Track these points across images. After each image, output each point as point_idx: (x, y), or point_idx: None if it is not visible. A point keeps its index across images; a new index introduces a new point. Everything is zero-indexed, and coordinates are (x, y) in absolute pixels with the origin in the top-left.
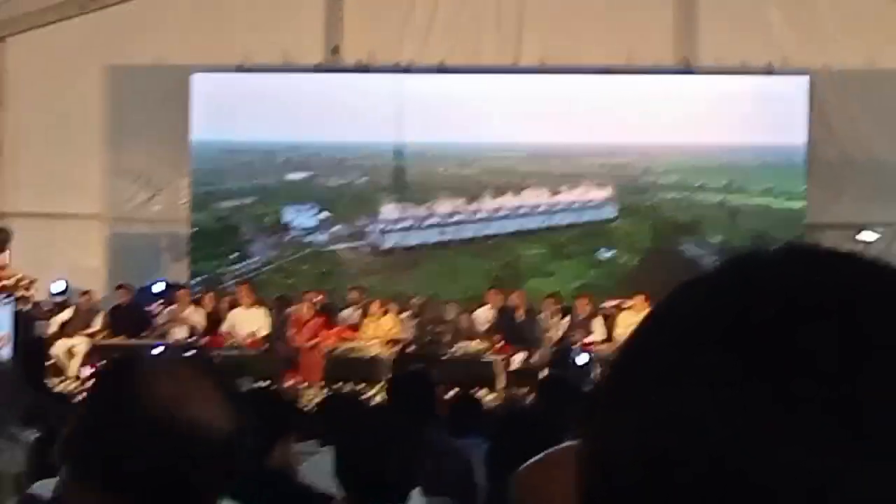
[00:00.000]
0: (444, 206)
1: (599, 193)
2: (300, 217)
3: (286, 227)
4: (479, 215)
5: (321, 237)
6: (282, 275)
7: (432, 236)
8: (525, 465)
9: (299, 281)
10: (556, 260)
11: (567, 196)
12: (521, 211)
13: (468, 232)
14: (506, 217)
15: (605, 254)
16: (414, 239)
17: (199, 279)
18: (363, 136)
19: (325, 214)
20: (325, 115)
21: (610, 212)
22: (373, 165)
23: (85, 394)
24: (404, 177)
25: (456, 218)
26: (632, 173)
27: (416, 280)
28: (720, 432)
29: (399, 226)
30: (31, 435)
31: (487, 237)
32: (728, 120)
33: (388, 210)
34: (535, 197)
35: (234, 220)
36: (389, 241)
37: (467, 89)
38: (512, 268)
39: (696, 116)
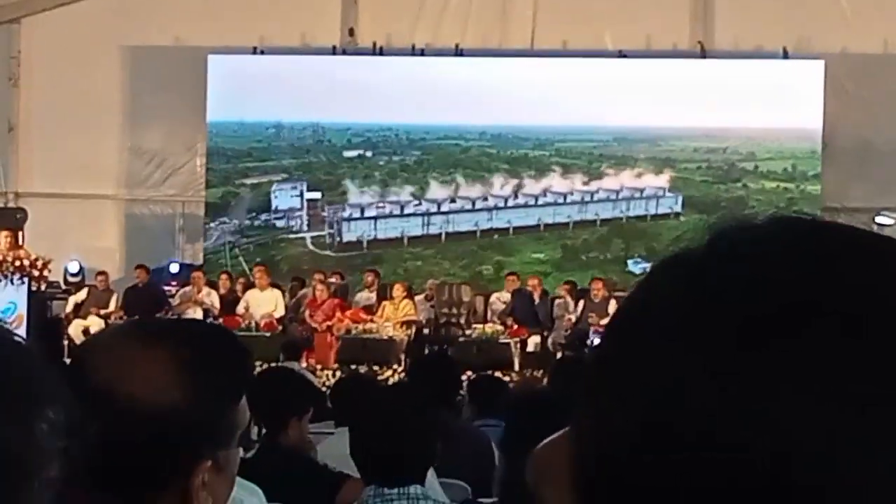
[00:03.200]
0: (437, 192)
1: (653, 180)
2: (281, 199)
3: (263, 211)
4: (478, 204)
5: (292, 223)
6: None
7: (413, 228)
8: (540, 445)
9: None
10: (561, 270)
11: (605, 182)
12: (543, 200)
13: (462, 224)
14: (516, 206)
15: (637, 266)
16: (385, 230)
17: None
18: (378, 117)
19: (312, 195)
20: (341, 97)
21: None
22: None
23: None
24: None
25: (445, 207)
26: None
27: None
28: (711, 405)
29: (357, 215)
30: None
31: (486, 231)
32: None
33: (358, 196)
34: (563, 184)
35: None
36: (351, 233)
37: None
38: (486, 278)
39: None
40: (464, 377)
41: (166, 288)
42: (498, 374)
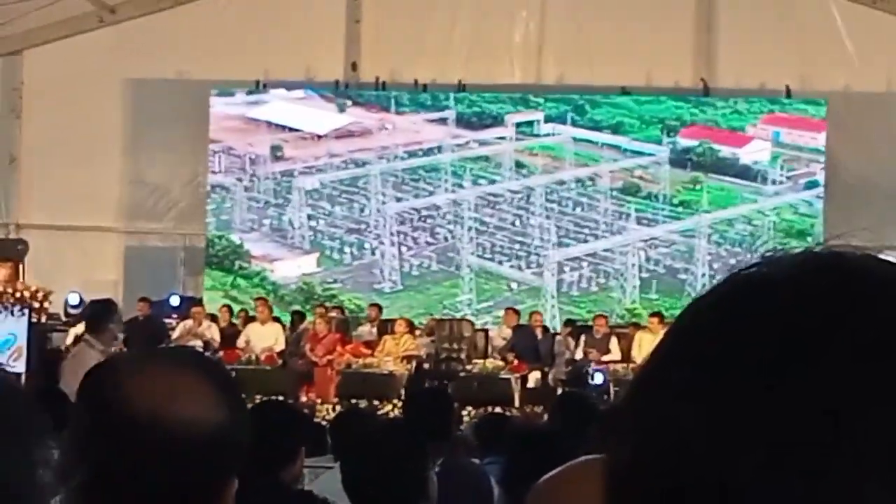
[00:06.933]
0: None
1: None
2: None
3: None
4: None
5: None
6: None
7: None
8: (541, 479)
9: None
10: None
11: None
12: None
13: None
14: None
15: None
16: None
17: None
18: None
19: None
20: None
21: None
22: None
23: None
24: None
25: None
26: None
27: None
28: (722, 447)
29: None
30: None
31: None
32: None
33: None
34: None
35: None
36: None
37: None
38: None
39: None
40: (464, 412)
41: (166, 321)
42: (498, 409)
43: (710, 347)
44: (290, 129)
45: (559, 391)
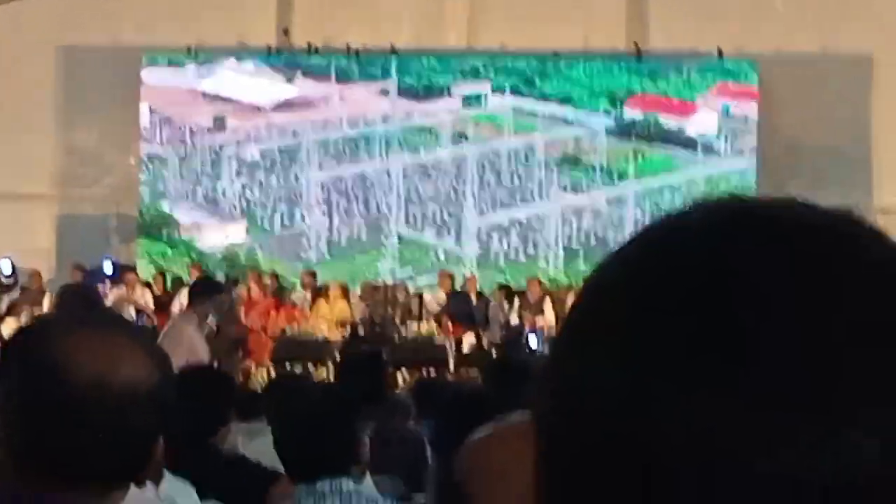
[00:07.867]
0: None
1: None
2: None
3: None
4: None
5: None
6: None
7: None
8: (470, 439)
9: None
10: None
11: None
12: None
13: None
14: None
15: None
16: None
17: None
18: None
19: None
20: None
21: None
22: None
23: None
24: None
25: None
26: None
27: None
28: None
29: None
30: None
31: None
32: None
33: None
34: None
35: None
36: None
37: None
38: None
39: None
40: (399, 376)
41: (100, 288)
42: (434, 373)
43: (621, 296)
44: (235, 101)
45: (494, 354)
